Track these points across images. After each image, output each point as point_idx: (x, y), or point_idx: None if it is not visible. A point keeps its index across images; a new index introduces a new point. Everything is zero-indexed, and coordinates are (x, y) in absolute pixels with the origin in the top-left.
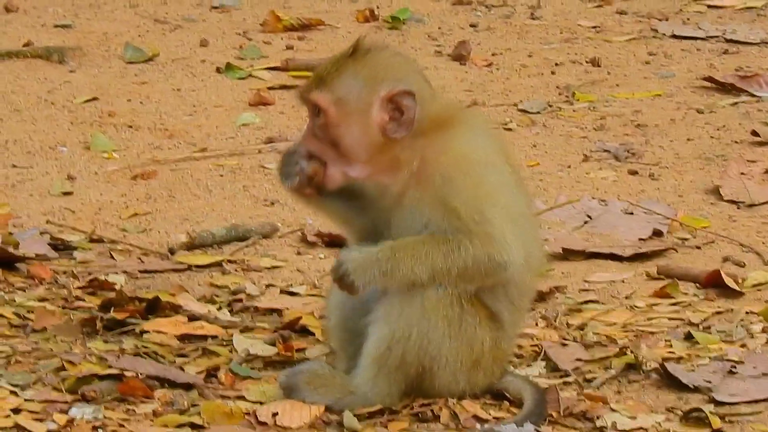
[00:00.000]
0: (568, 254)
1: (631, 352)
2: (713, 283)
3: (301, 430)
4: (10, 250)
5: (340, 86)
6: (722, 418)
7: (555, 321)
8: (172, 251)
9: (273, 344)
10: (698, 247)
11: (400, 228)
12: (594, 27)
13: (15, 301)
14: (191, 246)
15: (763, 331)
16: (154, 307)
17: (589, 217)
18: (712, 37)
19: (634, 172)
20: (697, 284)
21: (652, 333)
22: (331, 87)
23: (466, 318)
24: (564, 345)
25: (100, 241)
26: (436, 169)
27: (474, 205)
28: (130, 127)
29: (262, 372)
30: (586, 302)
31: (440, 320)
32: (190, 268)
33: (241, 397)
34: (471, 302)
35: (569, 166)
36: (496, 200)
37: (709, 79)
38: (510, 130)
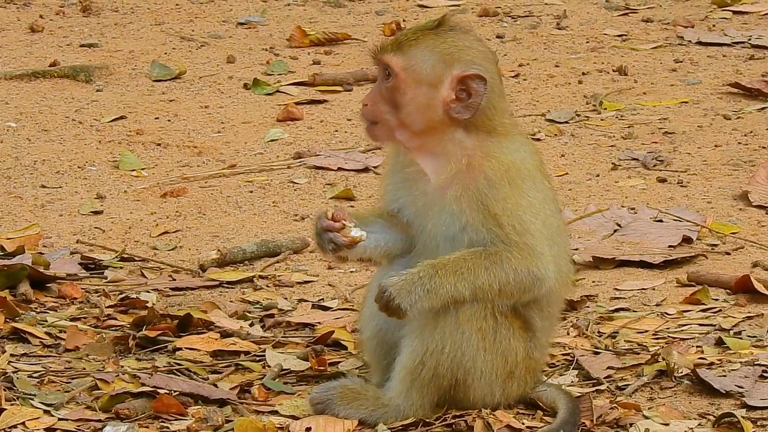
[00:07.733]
0: (598, 263)
1: (663, 358)
2: (743, 289)
3: None
4: (41, 270)
5: (416, 55)
6: (754, 422)
7: (586, 329)
8: (203, 268)
9: (306, 359)
10: (728, 253)
11: (437, 232)
12: (620, 35)
13: (47, 321)
14: (222, 262)
15: None
16: (186, 324)
17: (619, 225)
18: (737, 43)
19: (662, 180)
20: (728, 290)
21: (684, 339)
22: (407, 53)
23: (500, 330)
24: (596, 353)
25: (130, 259)
26: (482, 172)
27: (516, 215)
28: (159, 145)
29: (295, 387)
30: (617, 310)
31: (474, 333)
32: (221, 284)
33: (275, 412)
34: (505, 314)
35: (598, 175)
36: (537, 213)
37: (736, 85)
38: (538, 140)
